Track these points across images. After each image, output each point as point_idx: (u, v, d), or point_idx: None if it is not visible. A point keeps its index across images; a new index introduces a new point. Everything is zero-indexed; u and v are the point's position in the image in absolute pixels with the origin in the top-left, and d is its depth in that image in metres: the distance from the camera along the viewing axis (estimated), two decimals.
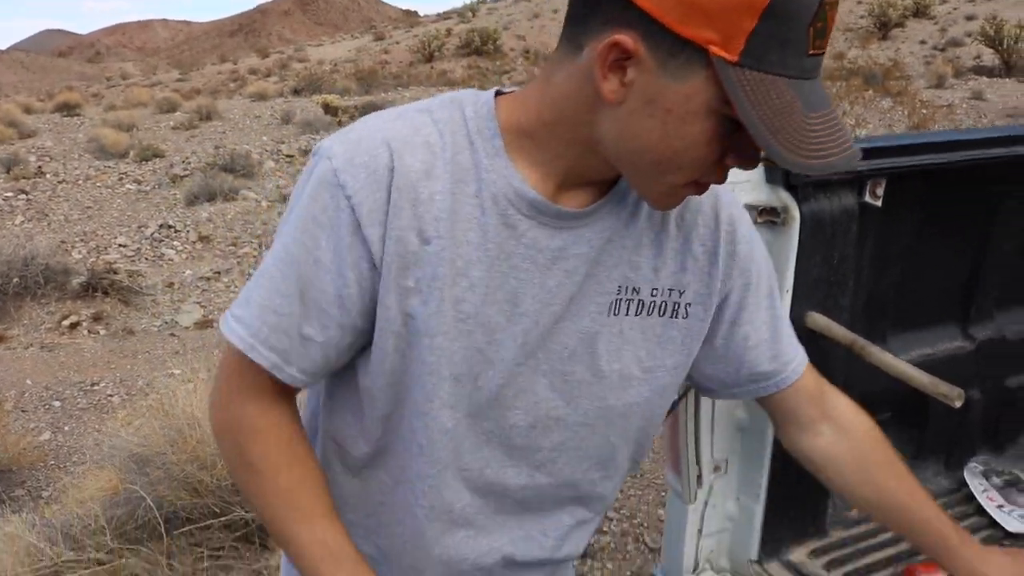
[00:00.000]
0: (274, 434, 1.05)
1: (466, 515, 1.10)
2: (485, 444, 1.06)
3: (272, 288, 0.97)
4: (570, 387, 1.05)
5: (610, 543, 3.27)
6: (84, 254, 6.61)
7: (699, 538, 1.60)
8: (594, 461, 1.13)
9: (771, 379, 1.17)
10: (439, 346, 0.97)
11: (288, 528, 1.05)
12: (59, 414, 4.45)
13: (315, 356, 1.00)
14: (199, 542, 2.93)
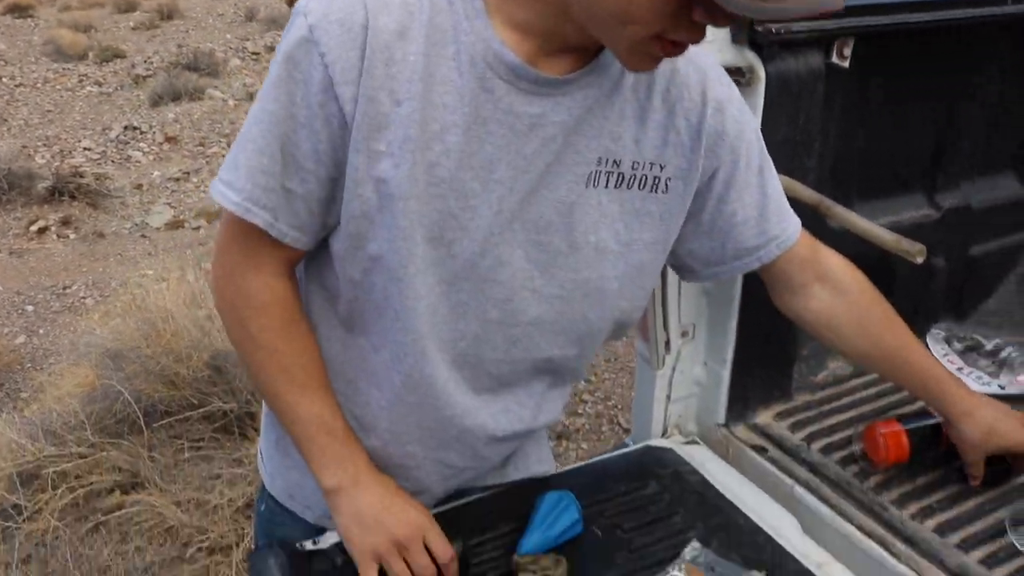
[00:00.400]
0: (276, 309, 1.09)
1: (444, 388, 1.12)
2: (461, 316, 1.07)
3: (256, 149, 0.99)
4: (546, 258, 1.06)
5: (585, 424, 3.34)
6: (48, 158, 6.48)
7: (667, 404, 1.63)
8: (571, 337, 1.14)
9: (754, 254, 1.19)
10: (412, 209, 0.98)
11: (287, 400, 1.10)
12: (33, 318, 4.43)
13: (299, 209, 1.02)
14: (179, 434, 2.97)
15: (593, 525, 1.30)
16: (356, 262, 1.04)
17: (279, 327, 1.09)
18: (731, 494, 1.39)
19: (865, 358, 1.34)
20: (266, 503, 1.34)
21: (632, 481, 1.40)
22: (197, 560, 2.65)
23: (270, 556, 1.24)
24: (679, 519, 1.33)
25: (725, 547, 1.27)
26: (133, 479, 2.82)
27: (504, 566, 1.20)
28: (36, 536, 2.70)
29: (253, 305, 1.08)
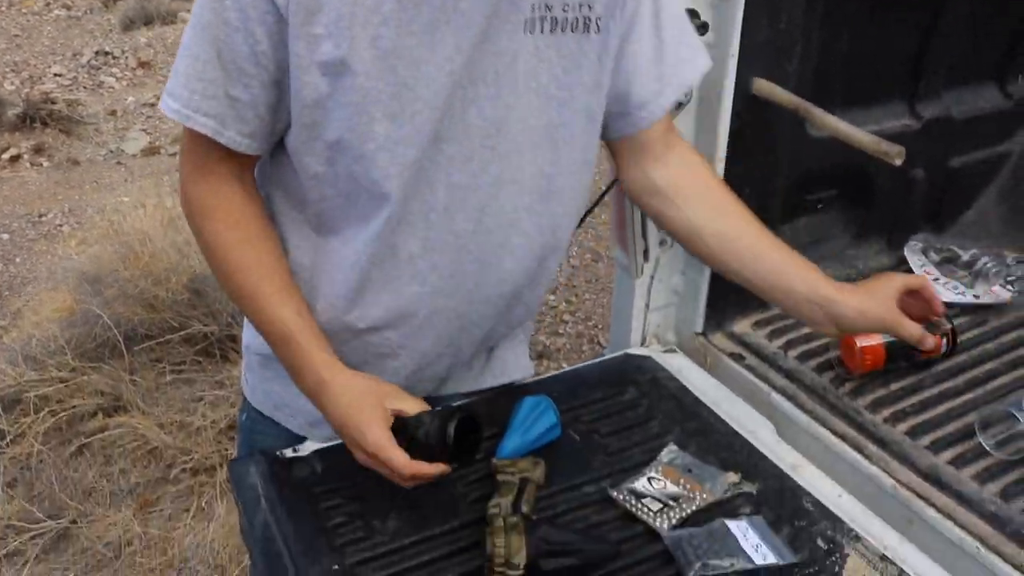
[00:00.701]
0: (222, 212, 1.10)
1: (418, 270, 1.13)
2: (428, 187, 1.08)
3: (192, 57, 1.01)
4: (497, 111, 1.07)
5: (565, 344, 3.36)
6: (17, 85, 6.32)
7: (646, 313, 1.63)
8: (535, 196, 1.15)
9: (656, 101, 1.20)
10: (362, 86, 0.99)
11: (249, 303, 1.11)
12: (8, 246, 4.37)
13: (247, 116, 1.04)
14: (160, 357, 2.97)
15: (571, 430, 1.31)
16: (316, 154, 1.05)
17: (231, 230, 1.10)
18: (708, 400, 1.41)
19: (719, 237, 1.27)
20: (248, 414, 1.35)
21: (610, 387, 1.41)
22: (181, 481, 2.68)
23: (250, 464, 1.25)
24: (656, 424, 1.34)
25: (702, 450, 1.29)
26: (115, 402, 2.83)
27: (483, 470, 1.21)
28: (20, 460, 2.72)
29: (205, 211, 1.10)
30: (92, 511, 2.60)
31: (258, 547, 1.12)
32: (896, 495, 1.33)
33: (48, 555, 2.53)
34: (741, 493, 1.22)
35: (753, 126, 1.52)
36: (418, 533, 1.12)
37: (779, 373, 1.57)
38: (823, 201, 1.88)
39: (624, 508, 1.17)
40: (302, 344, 1.10)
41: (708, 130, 1.50)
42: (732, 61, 1.43)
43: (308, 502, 1.16)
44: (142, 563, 2.48)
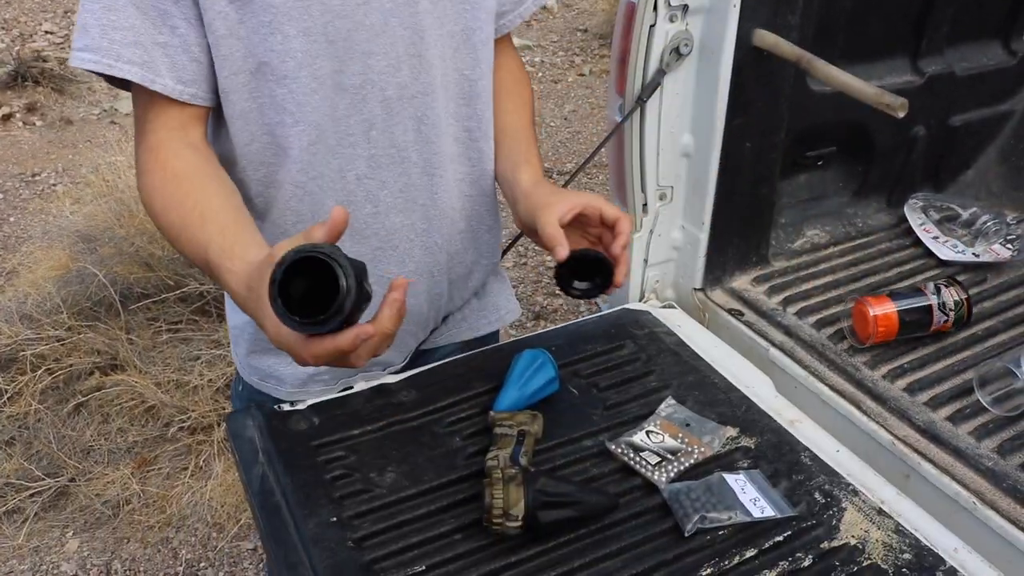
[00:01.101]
0: (155, 169, 1.05)
1: (368, 190, 1.13)
2: (362, 103, 1.08)
3: (103, 8, 0.97)
4: (417, 18, 1.08)
5: (563, 305, 3.36)
6: (8, 43, 6.24)
7: (644, 268, 1.62)
8: (461, 101, 1.17)
9: (505, 17, 1.22)
10: (271, 5, 1.00)
11: (200, 262, 1.03)
12: (2, 206, 4.35)
13: (182, 60, 1.02)
14: (156, 316, 2.95)
15: (569, 384, 1.30)
16: (239, 89, 1.04)
17: (165, 188, 1.03)
18: (707, 355, 1.40)
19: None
20: (242, 384, 1.35)
21: (608, 342, 1.40)
22: (179, 439, 2.68)
23: (247, 417, 1.24)
24: (654, 378, 1.34)
25: (700, 405, 1.28)
26: (112, 361, 2.82)
27: (481, 424, 1.21)
28: (18, 418, 2.71)
29: (142, 166, 1.06)
30: (91, 469, 2.60)
31: (256, 500, 1.12)
32: (893, 450, 1.33)
33: (47, 513, 2.54)
34: (739, 447, 1.22)
35: (754, 79, 1.50)
36: (416, 486, 1.11)
37: (778, 329, 1.57)
38: (823, 158, 1.87)
39: (622, 461, 1.17)
40: (214, 262, 0.98)
41: (708, 82, 1.48)
42: (734, 11, 1.41)
43: (306, 455, 1.16)
44: (140, 521, 2.49)
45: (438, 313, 1.31)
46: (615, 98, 1.48)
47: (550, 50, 5.79)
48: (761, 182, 1.54)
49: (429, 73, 1.11)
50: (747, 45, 1.45)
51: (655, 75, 1.44)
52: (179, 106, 1.04)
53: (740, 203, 1.61)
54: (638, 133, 1.47)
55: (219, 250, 0.96)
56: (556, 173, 4.29)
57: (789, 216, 1.82)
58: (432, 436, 1.20)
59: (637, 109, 1.43)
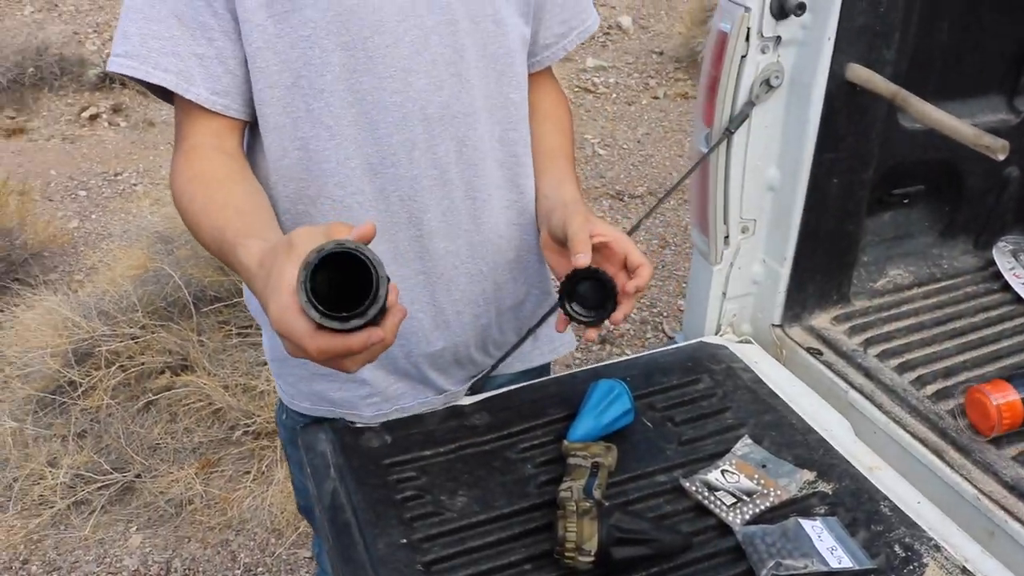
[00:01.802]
0: (185, 169, 1.06)
1: (411, 212, 1.13)
2: (403, 122, 1.08)
3: (143, 17, 1.01)
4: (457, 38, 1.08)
5: (629, 330, 3.33)
6: (99, 45, 6.43)
7: (723, 301, 1.60)
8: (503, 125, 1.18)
9: (560, 43, 1.24)
10: (310, 18, 1.01)
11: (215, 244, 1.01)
12: (85, 203, 4.47)
13: (217, 71, 1.04)
14: (227, 320, 3.00)
15: (644, 416, 1.29)
16: (274, 102, 1.05)
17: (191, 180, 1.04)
18: (784, 394, 1.37)
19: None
20: (287, 413, 1.34)
21: (684, 375, 1.38)
22: (243, 443, 2.71)
23: (320, 431, 1.25)
24: (730, 415, 1.31)
25: (776, 446, 1.26)
26: (182, 362, 2.87)
27: (553, 452, 1.20)
28: (91, 412, 2.78)
29: (175, 173, 1.07)
30: (156, 467, 2.65)
31: (326, 515, 1.12)
32: (978, 505, 1.28)
33: (113, 506, 2.59)
34: (816, 492, 1.19)
35: (845, 114, 1.47)
36: (486, 512, 1.11)
37: (858, 371, 1.53)
38: (909, 196, 1.82)
39: (696, 500, 1.14)
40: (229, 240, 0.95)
41: (798, 115, 1.46)
42: (828, 44, 1.38)
43: (377, 473, 1.16)
44: (202, 521, 2.53)
45: (485, 343, 1.29)
46: (701, 127, 1.46)
47: (625, 71, 5.77)
48: (847, 219, 1.50)
49: (470, 94, 1.12)
50: (840, 79, 1.42)
51: (744, 106, 1.42)
52: (214, 116, 1.06)
53: (824, 240, 1.57)
54: (723, 164, 1.45)
55: (235, 230, 0.95)
56: (627, 196, 4.26)
57: (872, 254, 1.77)
58: (504, 461, 1.19)
59: (724, 140, 1.41)
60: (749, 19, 1.35)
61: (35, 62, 5.66)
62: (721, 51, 1.37)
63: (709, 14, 5.51)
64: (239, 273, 0.95)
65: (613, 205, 4.20)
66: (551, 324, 1.34)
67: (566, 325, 1.14)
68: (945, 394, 1.46)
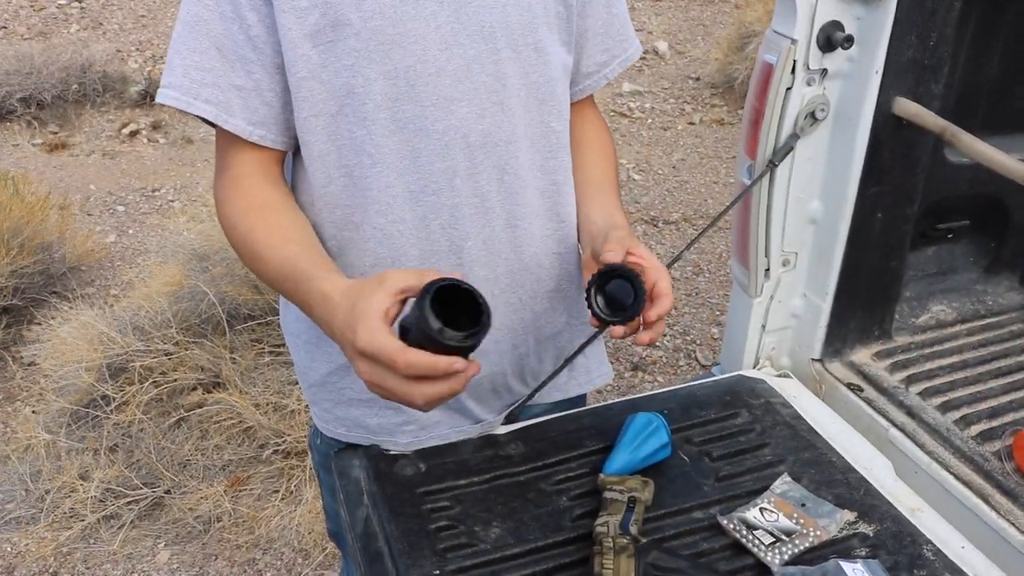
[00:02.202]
0: (239, 198, 1.09)
1: (452, 241, 1.13)
2: (444, 150, 1.08)
3: (188, 49, 1.04)
4: (499, 66, 1.08)
5: (662, 357, 3.30)
6: (140, 63, 6.55)
7: (762, 334, 1.58)
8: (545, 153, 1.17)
9: (602, 71, 1.23)
10: (353, 48, 1.02)
11: (284, 270, 1.05)
12: (123, 218, 4.53)
13: (254, 103, 1.06)
14: (260, 338, 3.01)
15: (680, 451, 1.27)
16: (318, 130, 1.07)
17: (244, 217, 1.07)
18: (824, 431, 1.34)
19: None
20: (321, 438, 1.34)
21: (722, 409, 1.36)
22: (273, 462, 2.71)
23: (353, 457, 1.24)
24: (769, 452, 1.29)
25: (816, 484, 1.23)
26: (215, 379, 2.89)
27: (589, 484, 1.18)
28: (123, 427, 2.80)
29: (222, 199, 1.10)
30: (186, 483, 2.66)
31: (359, 542, 1.11)
32: None
33: (142, 521, 2.60)
34: (857, 533, 1.16)
35: (891, 148, 1.45)
36: (521, 545, 1.09)
37: (899, 409, 1.50)
38: (954, 231, 1.80)
39: (734, 538, 1.12)
40: (305, 269, 1.01)
41: (843, 148, 1.44)
42: (876, 78, 1.37)
43: (411, 502, 1.15)
44: (229, 539, 2.53)
45: (523, 372, 1.28)
46: (744, 159, 1.45)
47: (661, 96, 5.77)
48: (890, 254, 1.48)
49: (512, 122, 1.12)
50: (886, 113, 1.40)
51: (788, 139, 1.40)
52: (254, 146, 1.09)
53: (866, 274, 1.55)
54: (766, 197, 1.44)
55: (310, 262, 1.02)
56: (662, 222, 4.25)
57: (914, 290, 1.74)
58: (539, 493, 1.17)
59: (767, 173, 1.40)
60: (795, 51, 1.34)
61: (79, 79, 5.77)
62: (766, 83, 1.36)
63: (746, 40, 5.50)
64: (311, 302, 0.99)
65: (647, 231, 4.18)
66: (588, 355, 1.33)
67: (596, 323, 1.11)
68: (991, 435, 1.43)
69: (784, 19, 1.35)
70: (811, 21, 1.33)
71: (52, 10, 7.51)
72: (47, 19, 7.31)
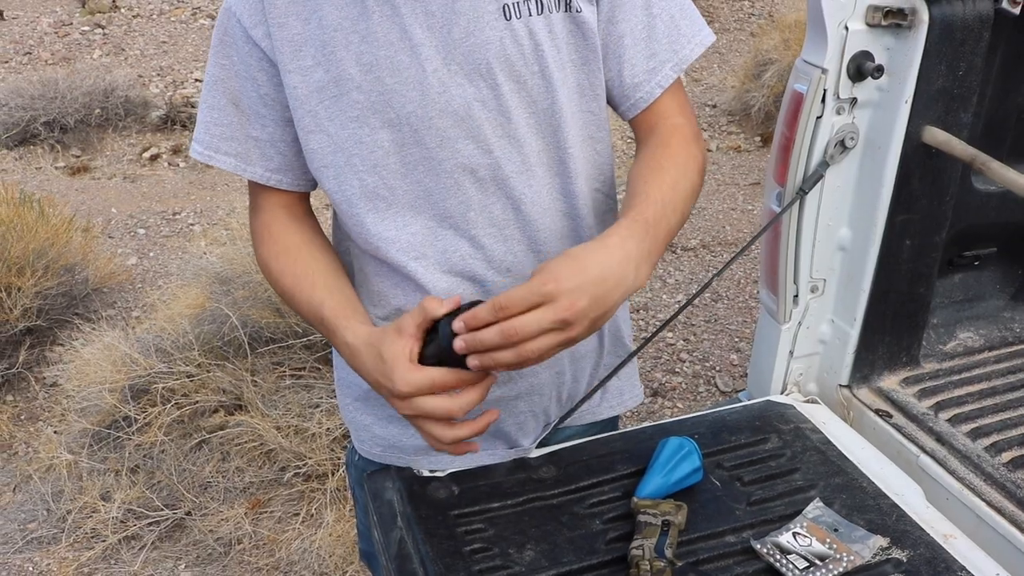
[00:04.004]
0: (269, 238, 1.18)
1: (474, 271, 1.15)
2: (456, 188, 1.11)
3: (208, 106, 1.14)
4: (502, 101, 1.08)
5: (681, 383, 3.30)
6: (161, 88, 6.62)
7: (789, 360, 1.58)
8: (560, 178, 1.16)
9: (653, 79, 1.16)
10: (356, 101, 1.06)
11: (312, 317, 1.15)
12: (144, 241, 4.57)
13: (270, 153, 1.14)
14: (281, 361, 3.03)
15: (712, 475, 1.27)
16: (331, 180, 1.12)
17: (277, 256, 1.17)
18: (854, 457, 1.34)
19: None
20: (359, 456, 1.35)
21: (752, 434, 1.36)
22: (294, 485, 2.72)
23: (387, 479, 1.25)
24: (800, 477, 1.29)
25: (847, 509, 1.23)
26: (236, 401, 2.90)
27: (622, 508, 1.18)
28: (144, 448, 2.81)
29: (256, 239, 1.19)
30: (206, 505, 2.67)
31: (393, 564, 1.12)
32: None
33: (163, 543, 2.61)
34: (890, 559, 1.16)
35: (920, 176, 1.46)
36: (555, 567, 1.09)
37: (929, 435, 1.50)
38: (981, 258, 1.80)
39: (768, 562, 1.12)
40: (329, 319, 1.10)
41: (872, 176, 1.45)
42: (905, 107, 1.38)
43: (445, 524, 1.15)
44: (250, 562, 2.53)
45: (560, 394, 1.29)
46: (773, 186, 1.46)
47: None
48: (918, 281, 1.49)
49: (522, 152, 1.11)
50: (916, 141, 1.41)
51: (818, 167, 1.41)
52: (277, 190, 1.17)
53: (895, 301, 1.55)
54: (795, 224, 1.45)
55: (333, 308, 1.10)
56: (680, 248, 4.26)
57: (941, 316, 1.75)
58: (572, 516, 1.18)
59: (797, 200, 1.41)
60: (826, 81, 1.35)
61: (101, 104, 5.84)
62: (796, 111, 1.38)
63: (763, 68, 5.53)
64: (338, 348, 1.10)
65: (665, 257, 4.19)
66: (620, 376, 1.34)
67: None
68: (1022, 462, 1.43)
69: (814, 49, 1.36)
70: (841, 51, 1.35)
71: (76, 36, 7.62)
72: (71, 45, 7.41)
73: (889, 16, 1.32)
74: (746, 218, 4.53)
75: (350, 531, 2.51)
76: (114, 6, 9.22)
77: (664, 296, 3.89)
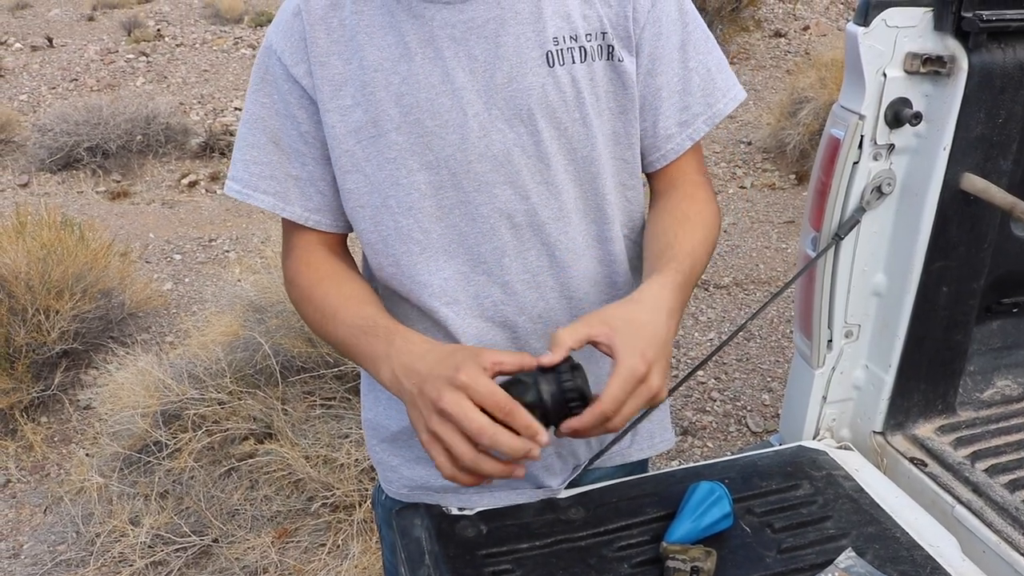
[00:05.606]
0: (304, 276, 1.16)
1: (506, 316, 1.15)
2: (491, 232, 1.10)
3: (247, 145, 1.13)
4: (541, 147, 1.08)
5: (712, 423, 3.27)
6: (202, 116, 6.75)
7: (823, 405, 1.56)
8: (596, 225, 1.17)
9: (684, 132, 1.16)
10: (395, 142, 1.06)
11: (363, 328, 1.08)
12: (180, 266, 4.63)
13: (309, 192, 1.14)
14: (312, 391, 3.05)
15: (742, 521, 1.26)
16: (366, 220, 1.12)
17: (311, 295, 1.15)
18: (887, 505, 1.32)
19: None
20: (385, 495, 1.35)
21: (784, 480, 1.34)
22: (321, 515, 2.72)
23: (415, 517, 1.25)
24: (832, 525, 1.27)
25: (881, 560, 1.21)
26: (266, 430, 2.92)
27: (651, 552, 1.17)
28: (174, 473, 2.83)
29: (291, 278, 1.18)
30: (234, 533, 2.67)
31: None
32: None
33: (190, 569, 2.62)
34: None
35: (957, 223, 1.45)
36: None
37: (965, 485, 1.47)
38: (1019, 305, 1.77)
39: None
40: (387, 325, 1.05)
41: (908, 223, 1.44)
42: (943, 154, 1.38)
43: (473, 564, 1.15)
44: None
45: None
46: (809, 230, 1.46)
47: (712, 160, 5.80)
48: (955, 328, 1.47)
49: (559, 199, 1.11)
50: (953, 188, 1.40)
51: (854, 212, 1.41)
52: (316, 232, 1.17)
53: (931, 348, 1.53)
54: (830, 268, 1.44)
55: (391, 320, 1.07)
56: (713, 286, 4.24)
57: (978, 364, 1.72)
58: (600, 559, 1.17)
59: (832, 245, 1.41)
60: (863, 127, 1.35)
61: (143, 130, 5.96)
62: (833, 157, 1.37)
63: (798, 106, 5.53)
64: (391, 352, 1.02)
65: (698, 295, 4.17)
66: (651, 419, 1.33)
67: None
68: None
69: (852, 95, 1.36)
70: (879, 98, 1.35)
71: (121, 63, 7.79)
72: (115, 72, 7.58)
73: (928, 63, 1.32)
74: (780, 256, 4.51)
75: (376, 563, 2.50)
76: (158, 35, 9.44)
77: (696, 334, 3.87)
